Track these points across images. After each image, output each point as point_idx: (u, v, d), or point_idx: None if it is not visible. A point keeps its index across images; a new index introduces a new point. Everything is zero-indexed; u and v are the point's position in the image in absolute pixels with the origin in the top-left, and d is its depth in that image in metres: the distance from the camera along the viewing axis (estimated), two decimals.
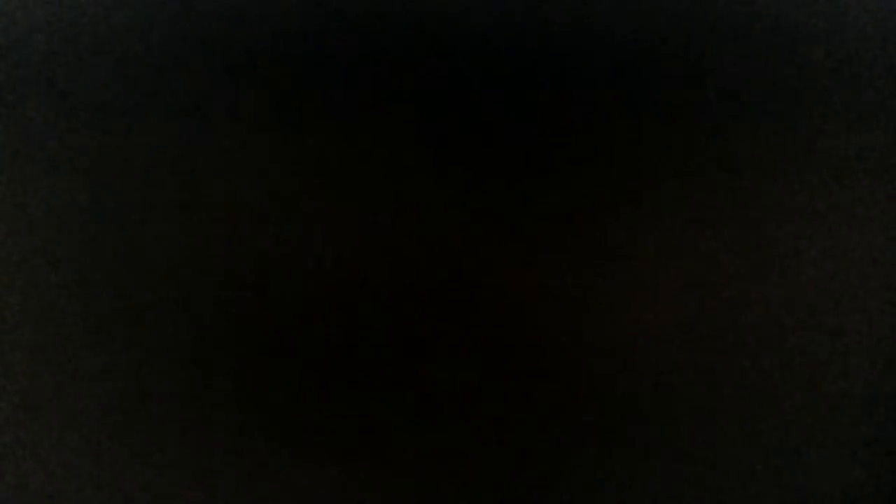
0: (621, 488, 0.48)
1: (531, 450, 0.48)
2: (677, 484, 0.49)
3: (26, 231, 0.49)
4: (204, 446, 0.48)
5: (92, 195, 0.49)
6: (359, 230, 0.48)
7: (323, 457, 0.48)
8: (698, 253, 0.48)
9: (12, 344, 0.49)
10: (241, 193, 0.48)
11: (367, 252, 0.48)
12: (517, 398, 0.48)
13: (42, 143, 0.49)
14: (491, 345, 0.48)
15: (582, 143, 0.48)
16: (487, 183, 0.48)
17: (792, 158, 0.49)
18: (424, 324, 0.48)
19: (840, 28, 0.50)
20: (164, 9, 0.49)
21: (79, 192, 0.49)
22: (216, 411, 0.48)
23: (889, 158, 0.49)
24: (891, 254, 0.49)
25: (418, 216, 0.48)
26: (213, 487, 0.48)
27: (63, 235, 0.49)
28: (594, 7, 0.49)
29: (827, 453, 0.49)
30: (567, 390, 0.48)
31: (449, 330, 0.48)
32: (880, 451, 0.49)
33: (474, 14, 0.49)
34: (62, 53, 0.49)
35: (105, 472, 0.49)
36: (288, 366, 0.48)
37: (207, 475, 0.48)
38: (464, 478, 0.48)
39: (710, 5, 0.49)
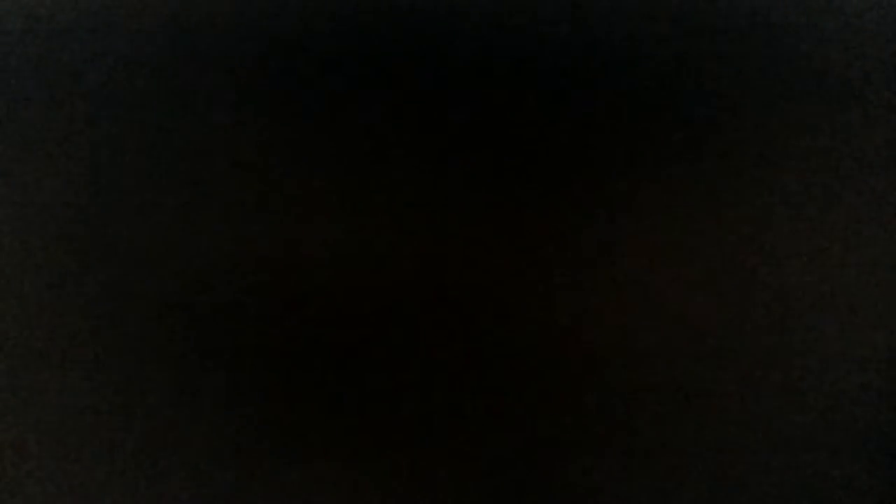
0: (621, 487, 0.48)
1: (532, 449, 0.48)
2: (676, 483, 0.49)
3: (26, 231, 0.49)
4: (204, 446, 0.48)
5: (92, 195, 0.49)
6: (359, 229, 0.48)
7: (322, 457, 0.48)
8: (698, 251, 0.49)
9: (12, 344, 0.49)
10: (241, 192, 0.48)
11: (367, 251, 0.48)
12: (518, 398, 0.48)
13: (42, 143, 0.49)
14: (491, 344, 0.48)
15: (582, 141, 0.48)
16: (488, 182, 0.48)
17: (792, 157, 0.49)
18: (424, 323, 0.48)
19: (840, 27, 0.50)
20: (165, 8, 0.49)
21: (79, 191, 0.49)
22: (216, 411, 0.48)
23: (889, 158, 0.49)
24: (891, 253, 0.49)
25: (419, 216, 0.48)
26: (213, 487, 0.48)
27: (63, 235, 0.49)
28: (594, 6, 0.49)
29: (827, 453, 0.49)
30: (567, 389, 0.48)
31: (449, 329, 0.48)
32: (881, 451, 0.49)
33: (475, 12, 0.49)
34: (62, 53, 0.49)
35: (104, 472, 0.49)
36: (288, 365, 0.48)
37: (207, 475, 0.48)
38: (463, 477, 0.48)
39: (709, 4, 0.49)
